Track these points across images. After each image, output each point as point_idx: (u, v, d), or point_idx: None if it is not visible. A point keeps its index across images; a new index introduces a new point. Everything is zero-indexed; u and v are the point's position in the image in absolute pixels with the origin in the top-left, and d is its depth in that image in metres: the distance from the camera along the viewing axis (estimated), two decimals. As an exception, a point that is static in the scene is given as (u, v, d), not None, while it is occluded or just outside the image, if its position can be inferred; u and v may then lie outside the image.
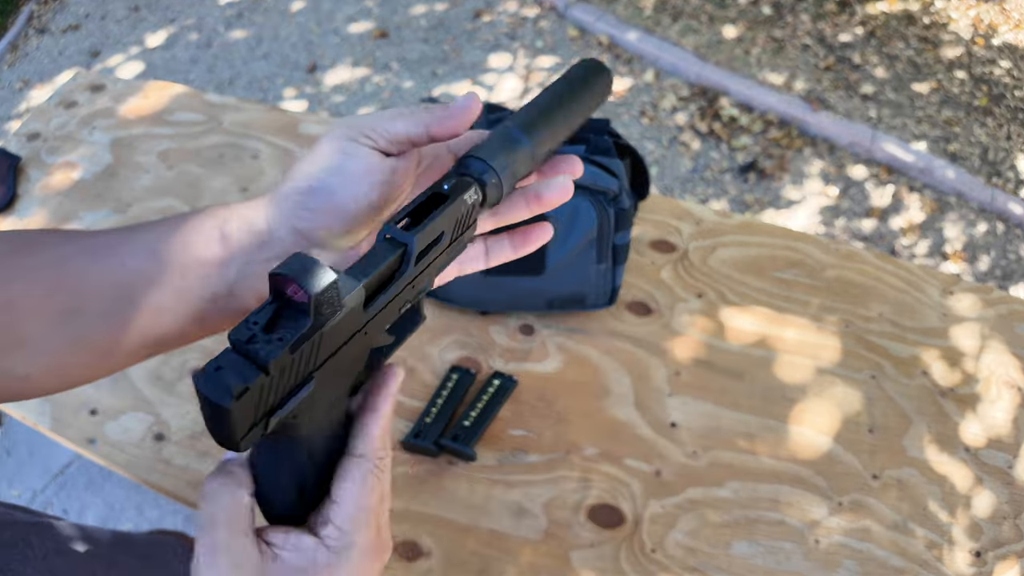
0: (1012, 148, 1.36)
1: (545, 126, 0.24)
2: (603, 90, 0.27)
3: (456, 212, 0.21)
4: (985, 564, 0.40)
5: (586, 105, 0.26)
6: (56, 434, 0.49)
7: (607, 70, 0.27)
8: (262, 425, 0.17)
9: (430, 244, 0.21)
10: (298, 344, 0.17)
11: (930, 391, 0.48)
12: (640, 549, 0.41)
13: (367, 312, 0.19)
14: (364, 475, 0.20)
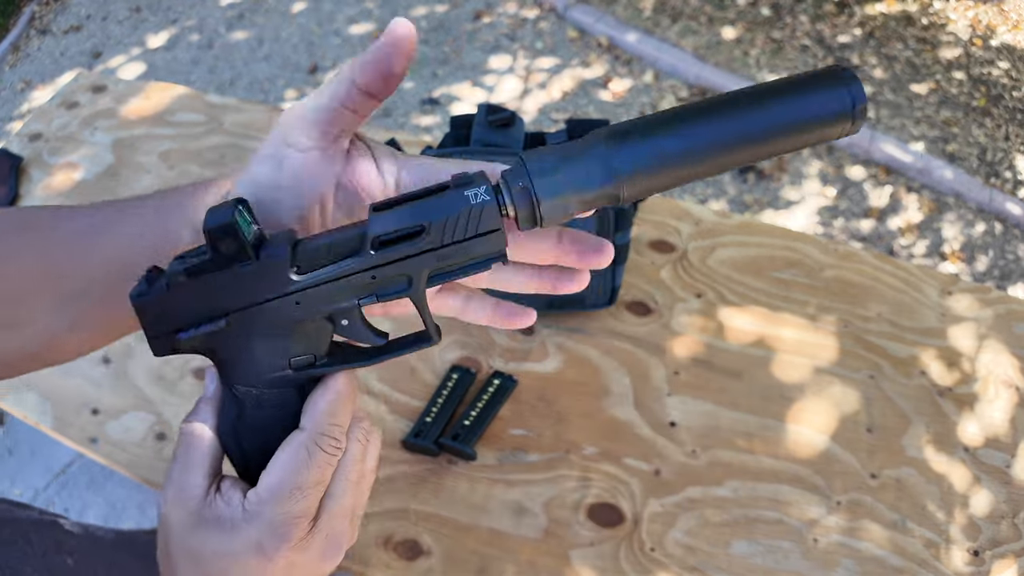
0: (1010, 148, 1.36)
1: (662, 149, 0.18)
2: (822, 125, 0.18)
3: (446, 206, 0.19)
4: (983, 563, 0.40)
5: (768, 138, 0.18)
6: (58, 433, 0.49)
7: (847, 93, 0.18)
8: (169, 338, 0.20)
9: (404, 236, 0.19)
10: (196, 270, 0.19)
11: (928, 391, 0.48)
12: (639, 548, 0.41)
13: (299, 277, 0.19)
14: (297, 448, 0.19)
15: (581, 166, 0.19)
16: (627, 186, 0.19)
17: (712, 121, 0.19)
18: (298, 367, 0.20)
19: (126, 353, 0.53)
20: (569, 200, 0.19)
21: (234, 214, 0.18)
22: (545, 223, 0.19)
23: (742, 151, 0.19)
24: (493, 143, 0.47)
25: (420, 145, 0.65)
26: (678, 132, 0.19)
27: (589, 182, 0.19)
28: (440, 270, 0.20)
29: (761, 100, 0.19)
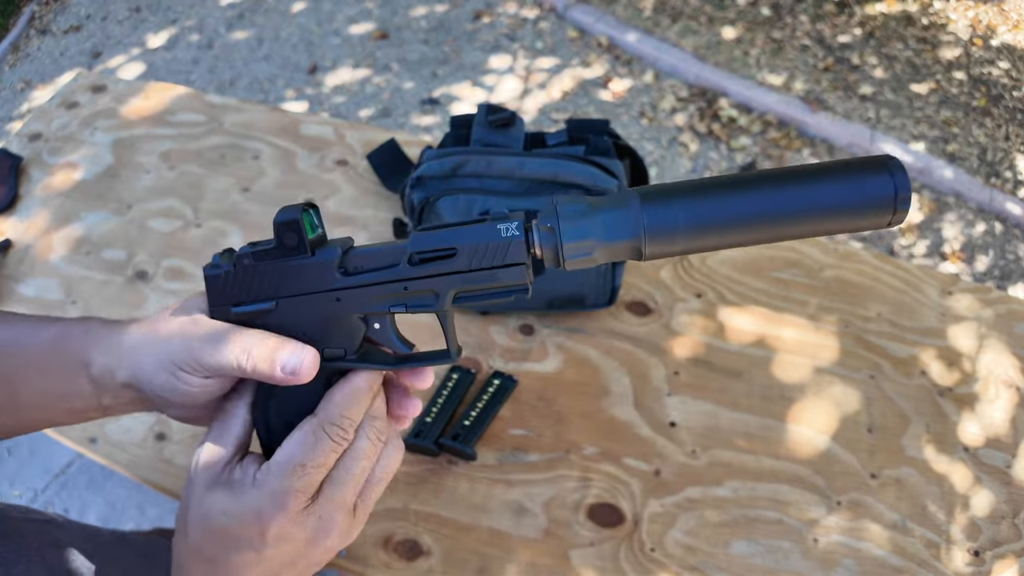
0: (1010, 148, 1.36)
1: (690, 214, 0.19)
2: (861, 212, 0.18)
3: (478, 235, 0.21)
4: (983, 563, 0.40)
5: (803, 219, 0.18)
6: (57, 434, 0.49)
7: (890, 178, 0.18)
8: (225, 309, 0.23)
9: (438, 254, 0.21)
10: (261, 256, 0.22)
11: (928, 391, 0.48)
12: (639, 548, 0.41)
13: (343, 277, 0.22)
14: (307, 430, 0.21)
15: (611, 217, 0.20)
16: (650, 244, 0.19)
17: (748, 194, 0.19)
18: (329, 358, 0.23)
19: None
20: (593, 247, 0.20)
21: (300, 213, 0.22)
22: (567, 264, 0.21)
23: (775, 228, 0.19)
24: (493, 143, 0.47)
25: (420, 145, 0.65)
26: (713, 201, 0.19)
27: (616, 234, 0.20)
28: (465, 292, 0.22)
29: (800, 180, 0.19)
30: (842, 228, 0.19)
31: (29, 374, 0.24)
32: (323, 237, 0.23)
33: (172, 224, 0.62)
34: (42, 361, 0.24)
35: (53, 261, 0.60)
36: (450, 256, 0.21)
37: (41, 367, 0.24)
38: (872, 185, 0.18)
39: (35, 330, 0.25)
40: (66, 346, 0.24)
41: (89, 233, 0.62)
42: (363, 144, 0.67)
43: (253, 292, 0.23)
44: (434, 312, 0.22)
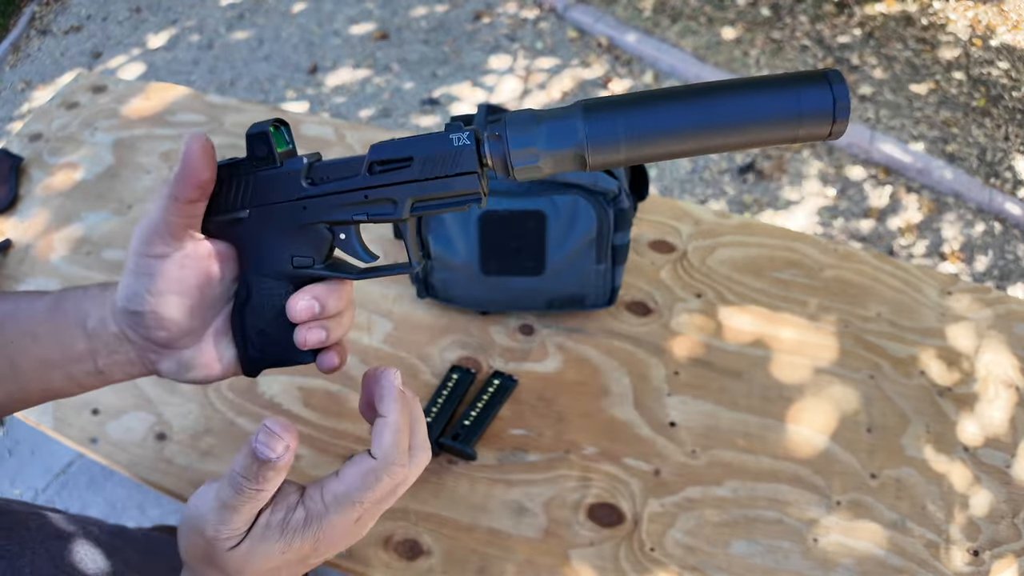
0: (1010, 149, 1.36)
1: (632, 123, 0.19)
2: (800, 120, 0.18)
3: (432, 144, 0.22)
4: (983, 563, 0.40)
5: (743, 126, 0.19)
6: (58, 433, 0.49)
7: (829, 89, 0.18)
8: (207, 220, 0.24)
9: (394, 163, 0.22)
10: (233, 166, 0.24)
11: (928, 391, 0.48)
12: (639, 548, 0.41)
13: (309, 187, 0.23)
14: (367, 472, 0.23)
15: (556, 126, 0.20)
16: (592, 152, 0.20)
17: (689, 103, 0.19)
18: (298, 266, 0.24)
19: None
20: (539, 155, 0.20)
21: (268, 127, 0.23)
22: (516, 173, 0.21)
23: (714, 136, 0.19)
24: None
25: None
26: (654, 110, 0.19)
27: (560, 142, 0.20)
28: (422, 201, 0.23)
29: (741, 89, 0.19)
30: (782, 137, 0.19)
31: (26, 343, 0.25)
32: (293, 152, 0.24)
33: (172, 224, 0.62)
34: (39, 327, 0.25)
35: (53, 261, 0.60)
36: (406, 165, 0.22)
37: (38, 334, 0.25)
38: (811, 95, 0.19)
39: (32, 300, 0.26)
40: (63, 309, 0.25)
41: (89, 233, 0.62)
42: (363, 144, 0.67)
43: (229, 201, 0.24)
44: (394, 221, 0.23)
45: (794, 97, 0.19)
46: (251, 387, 0.50)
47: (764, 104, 0.19)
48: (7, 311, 0.25)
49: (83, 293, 0.25)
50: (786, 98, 0.19)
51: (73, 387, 0.26)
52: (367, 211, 0.23)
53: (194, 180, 0.22)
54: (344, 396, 0.49)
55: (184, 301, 0.23)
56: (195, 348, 0.25)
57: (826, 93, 0.19)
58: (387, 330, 0.53)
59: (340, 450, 0.46)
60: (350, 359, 0.51)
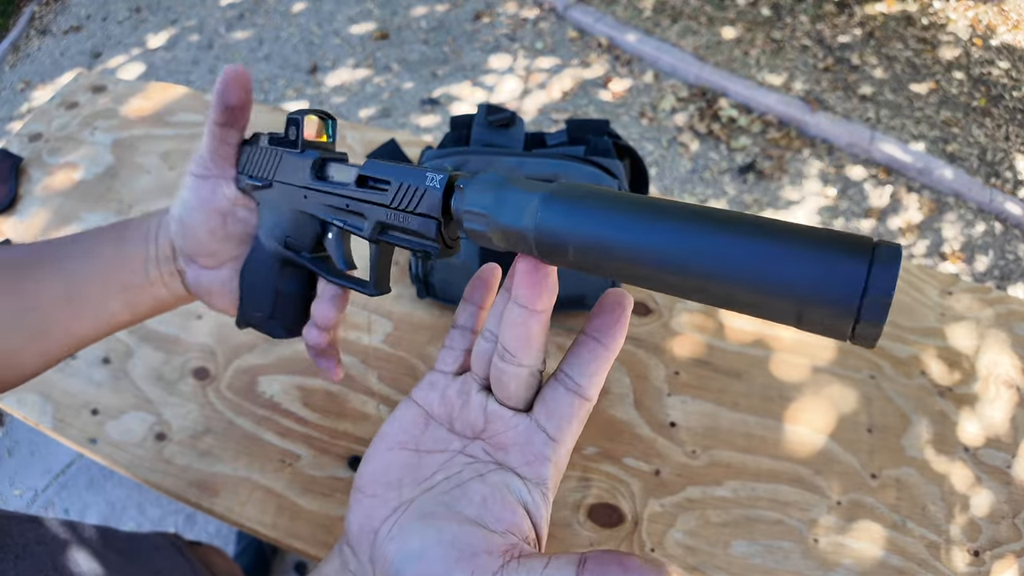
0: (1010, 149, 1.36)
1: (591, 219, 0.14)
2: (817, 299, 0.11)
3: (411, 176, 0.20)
4: (983, 563, 0.40)
5: (732, 280, 0.12)
6: (57, 434, 0.49)
7: (865, 266, 0.11)
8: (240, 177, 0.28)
9: (377, 182, 0.23)
10: (274, 141, 0.27)
11: (929, 391, 0.48)
12: (639, 548, 0.41)
13: (312, 179, 0.25)
14: (582, 415, 0.18)
15: (511, 197, 0.17)
16: (539, 244, 0.16)
17: (672, 227, 0.14)
18: (289, 246, 0.27)
19: (126, 353, 0.53)
20: (488, 221, 0.17)
21: (303, 115, 0.26)
22: (468, 234, 0.18)
23: (687, 280, 0.13)
24: (493, 143, 0.47)
25: (420, 145, 0.65)
26: (621, 221, 0.14)
27: (508, 217, 0.16)
28: (386, 228, 0.22)
29: (751, 228, 0.13)
30: (782, 316, 0.13)
31: (82, 263, 0.27)
32: (331, 147, 0.27)
33: (172, 224, 0.62)
34: (101, 246, 0.27)
35: (53, 261, 0.60)
36: (384, 188, 0.22)
37: (98, 252, 0.27)
38: (838, 269, 0.12)
39: (98, 228, 0.29)
40: (127, 226, 0.28)
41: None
42: (363, 144, 0.67)
43: (260, 169, 0.27)
44: (361, 236, 0.23)
45: (819, 267, 0.12)
46: (251, 387, 0.50)
47: (772, 263, 0.12)
48: (66, 242, 0.28)
49: (147, 214, 0.29)
50: (809, 265, 0.12)
51: (123, 309, 0.28)
52: (345, 220, 0.24)
53: (223, 103, 0.25)
54: (344, 396, 0.49)
55: (206, 221, 0.27)
56: (213, 272, 0.28)
57: (859, 272, 0.11)
58: (387, 330, 0.53)
59: (340, 450, 0.46)
60: (349, 359, 0.51)
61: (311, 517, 0.43)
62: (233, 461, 0.46)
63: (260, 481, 0.45)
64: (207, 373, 0.51)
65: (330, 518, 0.43)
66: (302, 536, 0.42)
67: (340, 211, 0.24)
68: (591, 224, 0.15)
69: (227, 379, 0.50)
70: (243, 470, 0.45)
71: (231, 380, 0.50)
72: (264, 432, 0.47)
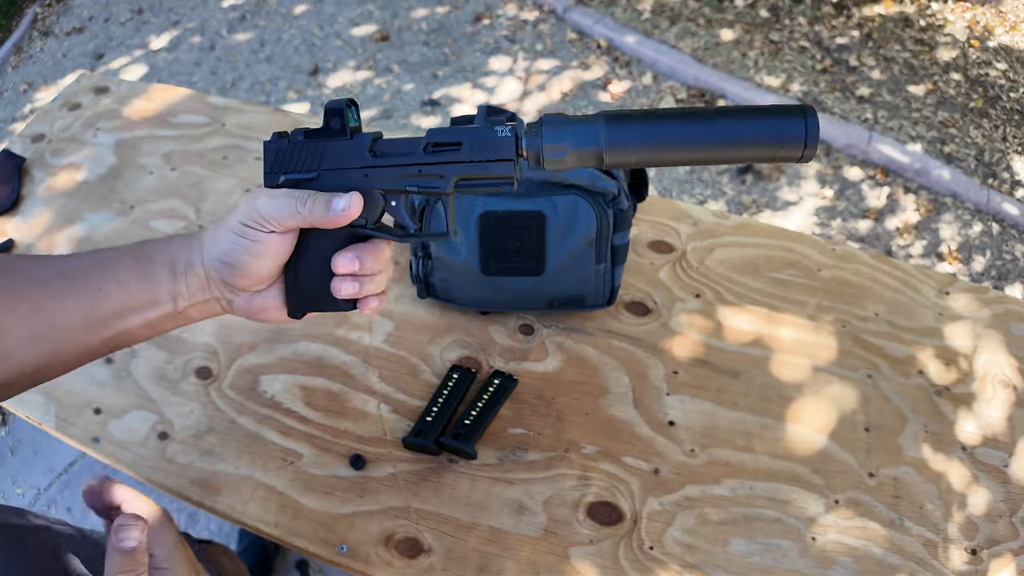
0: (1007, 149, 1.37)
1: (642, 133, 0.25)
2: (779, 145, 0.24)
3: (479, 134, 0.27)
4: (981, 562, 0.40)
5: (732, 145, 0.24)
6: (60, 433, 0.49)
7: (803, 121, 0.23)
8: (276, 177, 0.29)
9: (447, 145, 0.27)
10: (311, 135, 0.29)
11: (926, 390, 0.48)
12: (639, 546, 0.42)
13: (372, 158, 0.28)
14: None
15: (582, 129, 0.25)
16: (608, 153, 0.25)
17: (692, 123, 0.25)
18: (353, 224, 0.28)
19: (129, 353, 0.53)
20: (566, 150, 0.26)
21: (345, 104, 0.28)
22: (546, 164, 0.26)
23: (708, 151, 0.25)
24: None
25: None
26: (659, 125, 0.25)
27: (583, 142, 0.25)
28: (465, 179, 0.28)
29: (731, 115, 0.24)
30: (763, 156, 0.24)
31: (111, 289, 0.28)
32: (359, 128, 0.29)
33: (174, 225, 0.62)
34: (124, 274, 0.28)
35: (56, 262, 0.61)
36: (456, 148, 0.27)
37: (123, 280, 0.28)
38: (789, 125, 0.24)
39: (112, 251, 0.29)
40: (147, 256, 0.29)
41: (91, 234, 0.63)
42: (364, 145, 0.67)
43: (301, 164, 0.29)
44: (440, 194, 0.28)
45: (776, 125, 0.24)
46: (253, 387, 0.50)
47: (752, 128, 0.24)
48: (92, 262, 0.28)
49: (167, 242, 0.29)
50: (770, 125, 0.24)
51: (146, 329, 0.29)
52: (418, 183, 0.28)
53: (336, 227, 0.28)
54: (345, 395, 0.49)
55: (276, 262, 0.29)
56: (266, 292, 0.30)
57: (800, 124, 0.24)
58: (388, 330, 0.53)
59: (341, 449, 0.46)
60: (351, 358, 0.51)
61: (313, 515, 0.43)
62: (235, 460, 0.46)
63: (262, 480, 0.45)
64: (209, 373, 0.51)
65: (332, 516, 0.43)
66: (304, 534, 0.42)
67: (413, 177, 0.28)
68: (641, 132, 0.25)
69: (229, 378, 0.50)
70: (245, 469, 0.45)
71: (233, 379, 0.50)
72: (266, 431, 0.47)
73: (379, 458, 0.45)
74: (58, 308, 0.27)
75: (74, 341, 0.27)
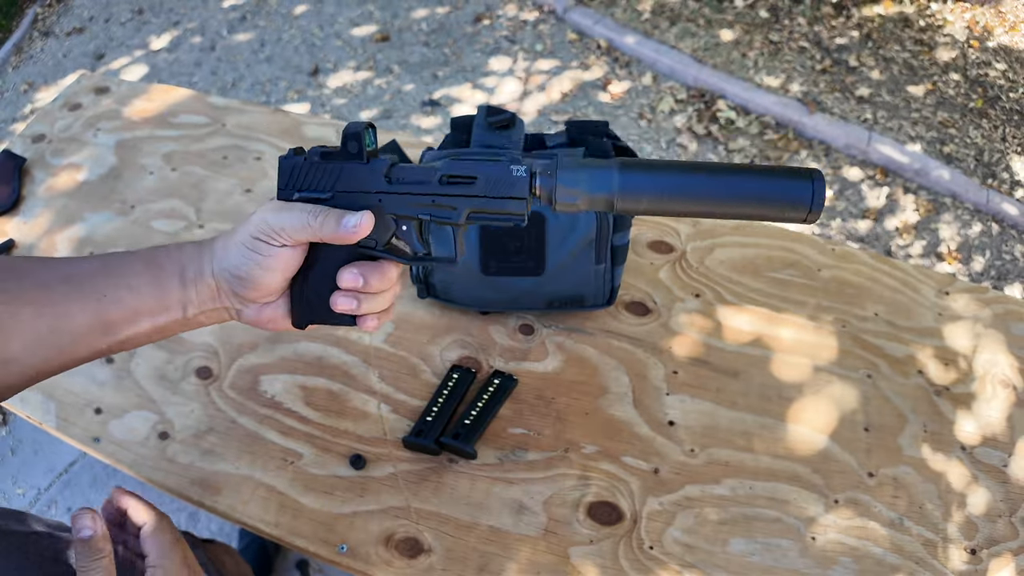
0: (1007, 149, 1.37)
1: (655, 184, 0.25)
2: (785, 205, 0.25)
3: (493, 171, 0.28)
4: (980, 561, 0.40)
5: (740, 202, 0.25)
6: (61, 433, 0.49)
7: (810, 184, 0.24)
8: (290, 193, 0.29)
9: (462, 179, 0.28)
10: (328, 156, 0.29)
11: (925, 390, 0.48)
12: (638, 546, 0.42)
13: (387, 184, 0.29)
14: None
15: (596, 175, 0.26)
16: (620, 200, 0.26)
17: (701, 176, 0.26)
18: (363, 245, 0.29)
19: (129, 353, 0.53)
20: (579, 195, 0.27)
21: (364, 127, 0.29)
22: (558, 206, 0.27)
23: (714, 206, 0.26)
24: (493, 144, 0.47)
25: (420, 146, 0.65)
26: (673, 176, 0.26)
27: (597, 188, 0.26)
28: (476, 212, 0.28)
29: (743, 173, 0.26)
30: (767, 215, 0.25)
31: (121, 294, 0.28)
32: (376, 152, 0.30)
33: (175, 225, 0.62)
34: (135, 279, 0.28)
35: (56, 262, 0.61)
36: (471, 182, 0.28)
37: (134, 285, 0.28)
38: (797, 187, 0.25)
39: (123, 257, 0.29)
40: (158, 263, 0.29)
41: (92, 234, 0.63)
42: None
43: (316, 183, 0.29)
44: (452, 224, 0.29)
45: (785, 187, 0.25)
46: (253, 387, 0.50)
47: (762, 188, 0.25)
48: (98, 268, 0.28)
49: (177, 249, 0.30)
50: (779, 186, 0.25)
51: (154, 334, 0.29)
52: (431, 212, 0.29)
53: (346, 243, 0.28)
54: (345, 395, 0.49)
55: (285, 275, 0.29)
56: (275, 304, 0.30)
57: (808, 187, 0.25)
58: (388, 330, 0.53)
59: (342, 449, 0.46)
60: (351, 359, 0.51)
61: (313, 515, 0.43)
62: (235, 460, 0.46)
63: (262, 480, 0.45)
64: (210, 372, 0.51)
65: (332, 516, 0.43)
66: (304, 534, 0.42)
67: (426, 207, 0.28)
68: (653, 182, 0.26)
69: (230, 378, 0.51)
70: (245, 469, 0.45)
71: (233, 379, 0.50)
72: (266, 431, 0.47)
73: (379, 458, 0.45)
74: (63, 313, 0.27)
75: (79, 344, 0.27)
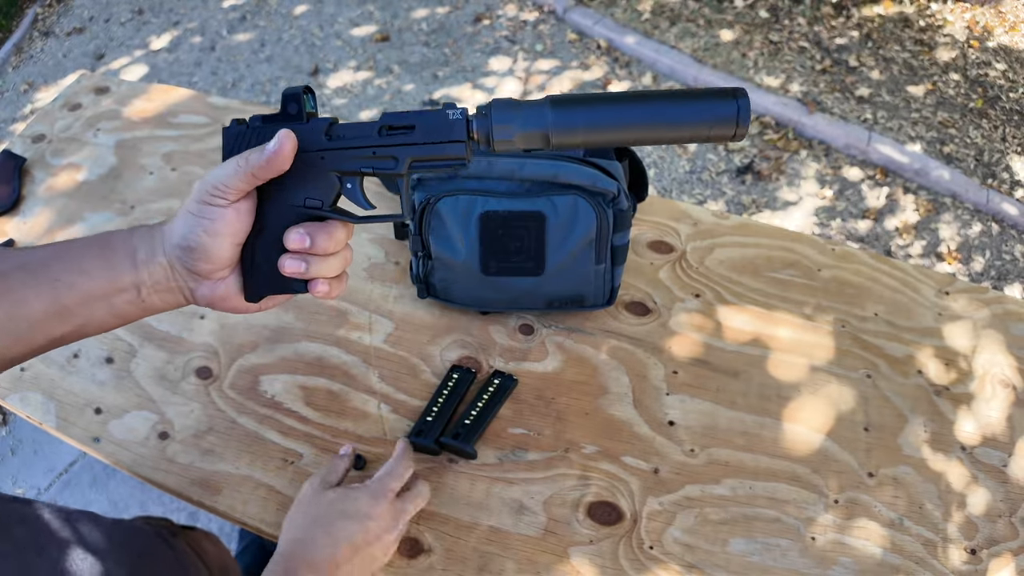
0: (1007, 149, 1.37)
1: (586, 116, 0.26)
2: (713, 124, 0.25)
3: (430, 118, 0.28)
4: (980, 561, 0.40)
5: (671, 125, 0.26)
6: (61, 433, 0.49)
7: (735, 102, 0.25)
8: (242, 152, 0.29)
9: (400, 128, 0.28)
10: (268, 119, 0.29)
11: (925, 390, 0.48)
12: (638, 546, 0.42)
13: (328, 141, 0.29)
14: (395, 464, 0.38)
15: (530, 112, 0.27)
16: (554, 134, 0.27)
17: (629, 105, 0.26)
18: (310, 207, 0.29)
19: (129, 353, 0.53)
20: (514, 132, 0.27)
21: (302, 90, 0.29)
22: (495, 145, 0.27)
23: (646, 132, 0.26)
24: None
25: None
26: (602, 107, 0.27)
27: (531, 124, 0.27)
28: (419, 160, 0.28)
29: (670, 97, 0.26)
30: (697, 136, 0.26)
31: (74, 278, 0.28)
32: (315, 114, 0.30)
33: (175, 225, 0.62)
34: (88, 263, 0.28)
35: (56, 262, 0.61)
36: (409, 131, 0.28)
37: (87, 268, 0.28)
38: (722, 106, 0.26)
39: (76, 241, 0.29)
40: (111, 246, 0.29)
41: (92, 234, 0.63)
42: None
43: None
44: (393, 175, 0.28)
45: (711, 107, 0.26)
46: (253, 387, 0.50)
47: (689, 109, 0.26)
48: (52, 253, 0.28)
49: (128, 232, 0.30)
50: (705, 107, 0.26)
51: (110, 319, 0.29)
52: (373, 165, 0.28)
53: (276, 169, 0.28)
54: (345, 395, 0.49)
55: (233, 240, 0.29)
56: (227, 280, 0.30)
57: (732, 104, 0.26)
58: (388, 330, 0.53)
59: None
60: (350, 359, 0.51)
61: (313, 515, 0.43)
62: (235, 460, 0.46)
63: (262, 479, 0.45)
64: (210, 372, 0.51)
65: (332, 516, 0.43)
66: (304, 534, 0.42)
67: (367, 159, 0.28)
68: (585, 115, 0.26)
69: (229, 378, 0.51)
70: (245, 469, 0.45)
71: (233, 379, 0.50)
72: (266, 431, 0.47)
73: (379, 458, 0.45)
74: (19, 300, 0.27)
75: (36, 331, 0.28)
